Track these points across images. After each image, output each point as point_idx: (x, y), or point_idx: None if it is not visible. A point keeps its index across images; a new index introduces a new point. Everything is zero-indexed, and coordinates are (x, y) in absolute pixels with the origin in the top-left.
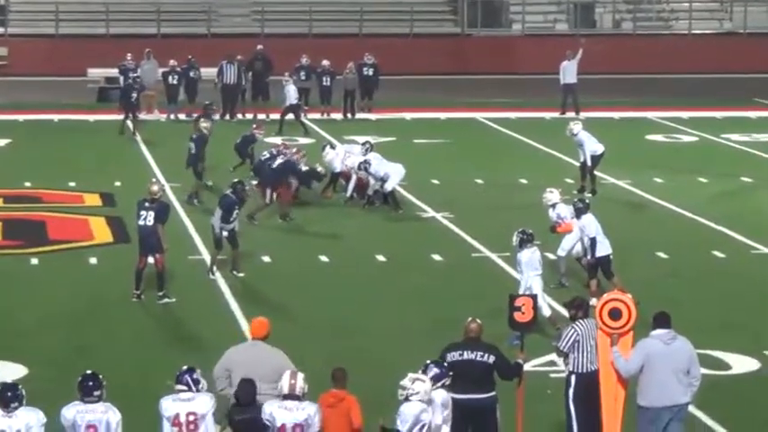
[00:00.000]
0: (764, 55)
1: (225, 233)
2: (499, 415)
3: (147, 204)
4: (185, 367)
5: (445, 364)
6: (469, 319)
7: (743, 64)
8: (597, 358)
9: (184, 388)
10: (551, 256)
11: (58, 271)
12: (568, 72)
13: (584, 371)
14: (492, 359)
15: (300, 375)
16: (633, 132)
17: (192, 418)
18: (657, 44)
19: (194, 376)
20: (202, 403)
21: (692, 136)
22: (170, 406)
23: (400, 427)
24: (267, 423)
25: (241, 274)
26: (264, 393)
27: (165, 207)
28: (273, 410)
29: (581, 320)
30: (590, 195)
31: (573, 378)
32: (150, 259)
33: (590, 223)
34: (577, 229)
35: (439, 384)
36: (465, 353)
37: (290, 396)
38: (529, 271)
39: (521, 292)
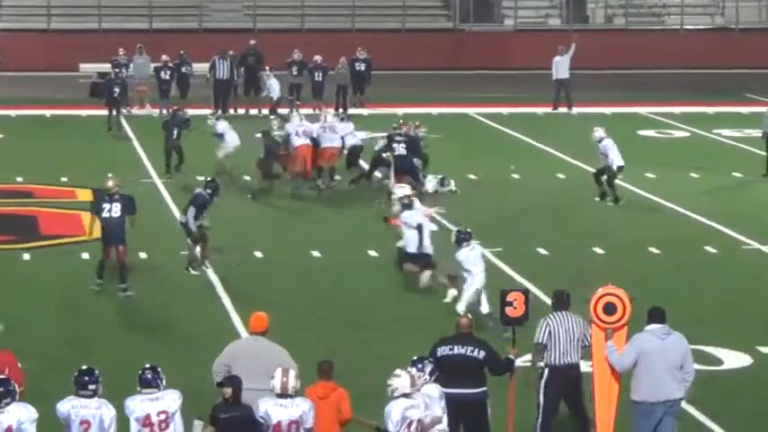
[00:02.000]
0: (756, 50)
1: (194, 229)
2: (490, 410)
3: (107, 198)
4: (147, 366)
5: (431, 359)
6: (461, 314)
7: (735, 59)
8: (574, 352)
9: (152, 390)
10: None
11: (49, 266)
12: (561, 67)
13: (557, 363)
14: (482, 354)
15: (292, 373)
16: (625, 128)
17: (162, 416)
18: (649, 39)
19: (158, 374)
20: (171, 401)
21: (684, 131)
22: (138, 406)
23: (389, 426)
24: (261, 420)
25: (209, 268)
26: (265, 389)
27: (130, 199)
28: (269, 408)
29: (555, 313)
30: (612, 204)
31: (546, 371)
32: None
33: (412, 215)
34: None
35: (431, 379)
36: (455, 347)
37: (283, 394)
38: (472, 268)
39: (467, 286)
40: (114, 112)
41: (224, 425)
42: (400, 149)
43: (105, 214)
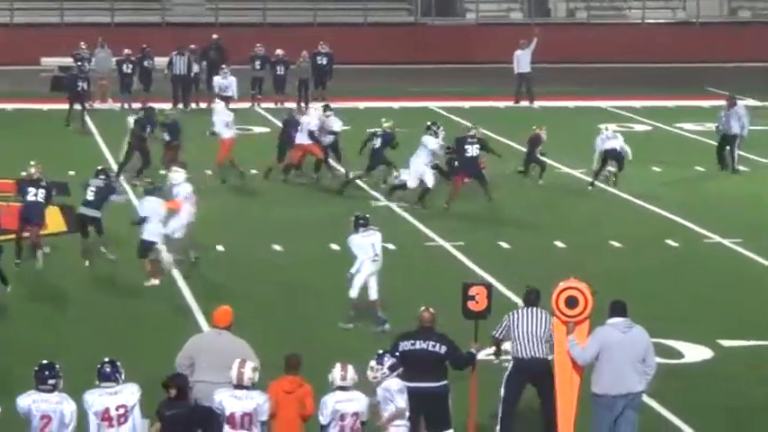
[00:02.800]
0: (717, 44)
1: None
2: (451, 403)
3: (32, 184)
4: (106, 360)
5: (393, 353)
6: (422, 308)
7: (696, 53)
8: (539, 346)
9: (111, 384)
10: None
11: (10, 259)
12: (522, 61)
13: (520, 356)
14: (444, 349)
15: (249, 365)
16: (587, 121)
17: (121, 411)
18: (611, 33)
19: (117, 368)
20: (130, 394)
21: (646, 125)
22: (97, 400)
23: (321, 419)
24: (218, 411)
25: (113, 257)
26: (226, 383)
27: (51, 188)
28: (224, 399)
29: (520, 309)
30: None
31: (510, 363)
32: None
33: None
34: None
35: (394, 373)
36: (417, 342)
37: (239, 385)
38: (361, 254)
39: (353, 270)
40: (79, 107)
41: (168, 422)
42: (473, 151)
43: (30, 197)
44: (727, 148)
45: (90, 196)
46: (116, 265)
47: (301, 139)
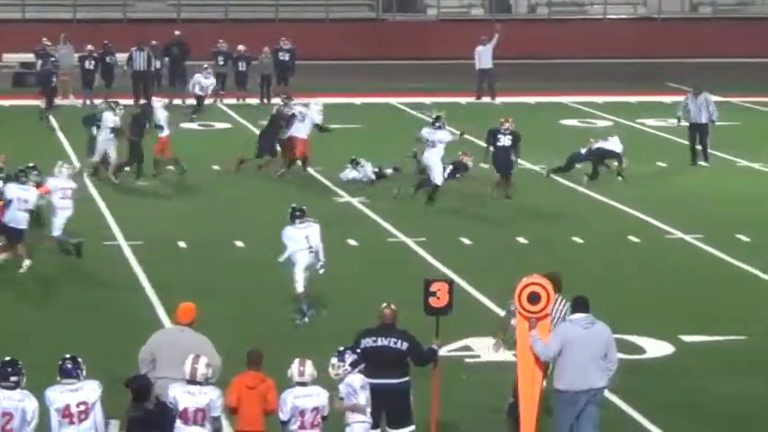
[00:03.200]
0: (679, 40)
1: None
2: (413, 400)
3: None
4: (68, 356)
5: (355, 349)
6: (384, 304)
7: (657, 49)
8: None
9: (72, 380)
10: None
11: None
12: (484, 57)
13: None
14: (405, 346)
15: (203, 361)
16: (548, 117)
17: (82, 407)
18: (572, 29)
19: (78, 364)
20: (91, 391)
21: (607, 120)
22: (58, 397)
23: (281, 415)
24: (171, 405)
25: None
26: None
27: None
28: (177, 394)
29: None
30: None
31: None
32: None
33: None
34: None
35: (355, 370)
36: (379, 339)
37: (192, 381)
38: (293, 245)
39: (281, 259)
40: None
41: (129, 423)
42: (505, 141)
43: None
44: (697, 138)
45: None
46: (77, 260)
47: (302, 132)
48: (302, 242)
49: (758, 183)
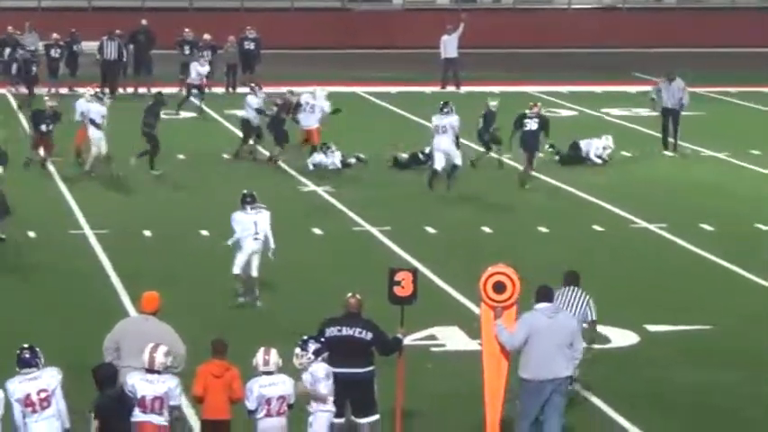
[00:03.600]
0: (644, 29)
1: None
2: (377, 389)
3: None
4: (26, 346)
5: (319, 338)
6: (349, 294)
7: (623, 38)
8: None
9: (32, 370)
10: None
11: None
12: (449, 46)
13: None
14: (370, 336)
15: (162, 349)
16: (513, 106)
17: (43, 395)
18: (538, 18)
19: (36, 353)
20: (50, 378)
21: (572, 110)
22: (18, 387)
23: (247, 404)
24: (130, 394)
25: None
26: None
27: None
28: (135, 382)
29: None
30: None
31: None
32: None
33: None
34: None
35: (319, 358)
36: (344, 328)
37: (151, 369)
38: (240, 230)
39: (228, 242)
40: (26, 90)
41: (95, 411)
42: (532, 125)
43: None
44: (670, 125)
45: None
46: (40, 248)
47: (313, 121)
48: (250, 227)
49: (722, 172)
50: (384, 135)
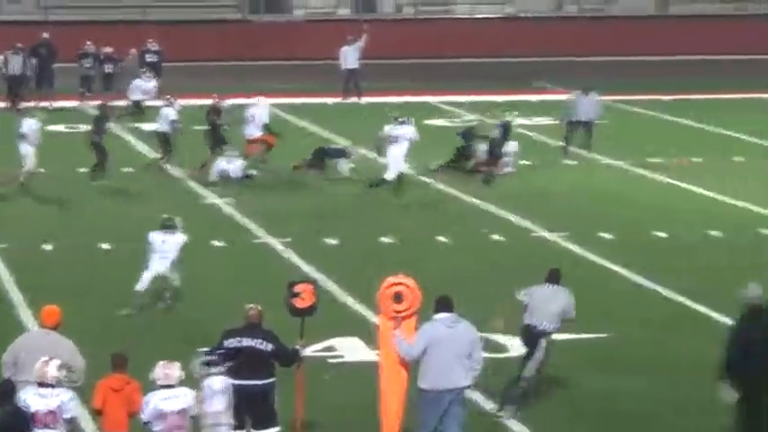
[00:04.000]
0: (545, 39)
1: None
2: (277, 400)
3: None
4: None
5: (219, 350)
6: (250, 305)
7: (523, 48)
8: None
9: None
10: None
11: None
12: (350, 57)
13: None
14: (270, 347)
15: (54, 363)
16: (414, 117)
17: None
18: (439, 28)
19: None
20: None
21: (474, 120)
22: None
23: (142, 416)
24: (24, 409)
25: None
26: None
27: None
28: (28, 397)
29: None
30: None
31: None
32: None
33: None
34: None
35: (217, 371)
36: (244, 339)
37: (43, 383)
38: (150, 250)
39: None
40: None
41: None
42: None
43: None
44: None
45: None
46: None
47: (253, 131)
48: (159, 247)
49: (622, 181)
50: (285, 146)
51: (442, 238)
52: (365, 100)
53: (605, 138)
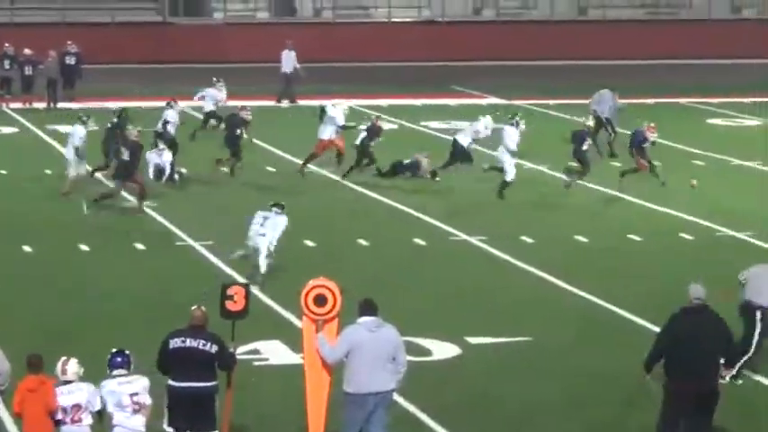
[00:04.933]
0: (463, 43)
1: None
2: (217, 403)
3: None
4: None
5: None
6: (194, 306)
7: (442, 52)
8: None
9: None
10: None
11: None
12: (288, 61)
13: None
14: (215, 349)
15: None
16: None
17: None
18: (357, 32)
19: None
20: None
21: (392, 123)
22: None
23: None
24: None
25: None
26: None
27: None
28: None
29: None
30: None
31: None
32: None
33: None
34: None
35: (114, 373)
36: (188, 340)
37: None
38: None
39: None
40: None
41: None
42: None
43: None
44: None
45: None
46: None
47: (328, 133)
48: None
49: (542, 185)
50: (211, 149)
51: (362, 241)
52: (285, 103)
53: (524, 142)
